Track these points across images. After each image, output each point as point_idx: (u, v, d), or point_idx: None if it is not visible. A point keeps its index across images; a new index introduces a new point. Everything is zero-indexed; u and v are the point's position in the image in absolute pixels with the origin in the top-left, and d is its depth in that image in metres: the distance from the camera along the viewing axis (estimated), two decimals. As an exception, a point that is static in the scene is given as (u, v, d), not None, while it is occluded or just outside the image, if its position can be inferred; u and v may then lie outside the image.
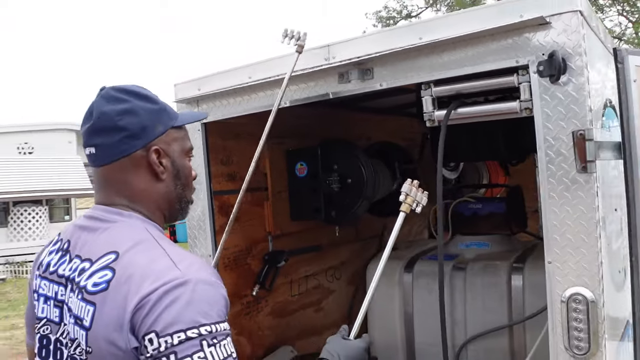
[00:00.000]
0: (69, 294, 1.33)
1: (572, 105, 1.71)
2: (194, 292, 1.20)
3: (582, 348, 1.76)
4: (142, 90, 1.45)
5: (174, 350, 1.15)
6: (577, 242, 1.74)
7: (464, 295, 3.10)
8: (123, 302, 1.20)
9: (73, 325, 1.29)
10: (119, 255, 1.27)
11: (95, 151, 1.38)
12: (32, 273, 1.53)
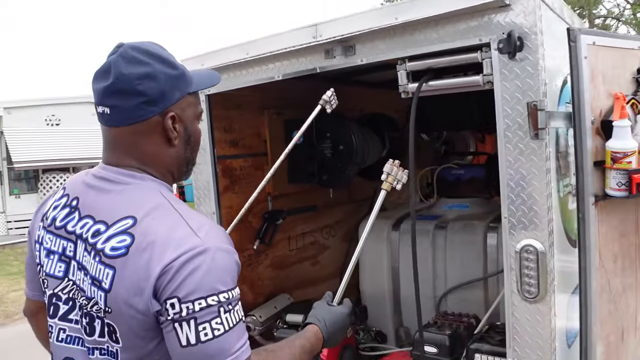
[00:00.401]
0: (82, 252, 1.29)
1: (527, 79, 1.78)
2: (213, 261, 1.20)
3: (532, 292, 1.86)
4: (163, 52, 1.35)
5: (195, 316, 1.16)
6: (530, 200, 1.82)
7: (444, 251, 3.19)
8: (145, 269, 1.18)
9: (90, 285, 1.25)
10: (136, 220, 1.23)
11: (109, 112, 1.29)
12: (35, 223, 1.47)
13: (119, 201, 1.29)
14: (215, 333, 1.17)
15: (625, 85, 2.02)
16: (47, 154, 14.34)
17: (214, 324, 1.17)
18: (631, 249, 2.06)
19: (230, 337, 1.20)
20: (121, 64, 1.27)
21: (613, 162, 1.83)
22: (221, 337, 1.18)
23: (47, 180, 14.81)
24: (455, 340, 2.37)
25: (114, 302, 1.21)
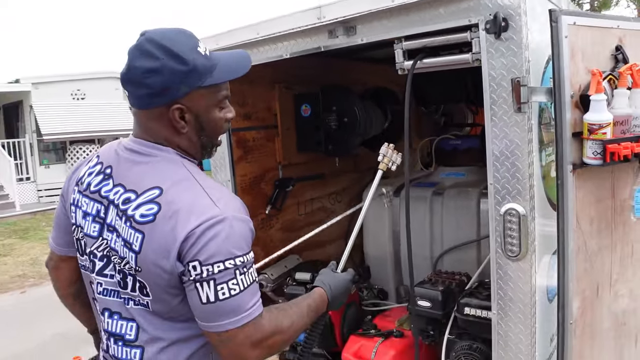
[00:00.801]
0: (114, 217, 1.37)
1: (511, 57, 1.84)
2: (231, 228, 1.28)
3: (514, 252, 1.95)
4: (177, 45, 1.33)
5: (214, 277, 1.25)
6: (513, 168, 1.90)
7: (441, 216, 3.27)
8: (171, 234, 1.26)
9: (122, 246, 1.33)
10: (162, 191, 1.30)
11: (128, 95, 1.39)
12: (69, 186, 1.54)
13: (146, 172, 1.36)
14: (231, 292, 1.27)
15: (604, 62, 2.06)
16: (74, 126, 14.46)
17: (231, 284, 1.26)
18: (607, 213, 2.13)
19: (244, 296, 1.29)
20: (135, 55, 1.33)
21: (590, 133, 1.89)
22: (237, 296, 1.27)
23: (74, 151, 14.95)
24: (448, 296, 2.46)
25: (143, 263, 1.31)
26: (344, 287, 1.80)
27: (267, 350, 1.36)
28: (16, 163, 13.71)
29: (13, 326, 5.50)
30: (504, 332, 2.02)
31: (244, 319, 1.29)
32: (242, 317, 1.28)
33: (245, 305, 1.29)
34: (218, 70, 1.38)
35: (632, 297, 2.30)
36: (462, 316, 2.33)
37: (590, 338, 2.13)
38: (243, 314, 1.28)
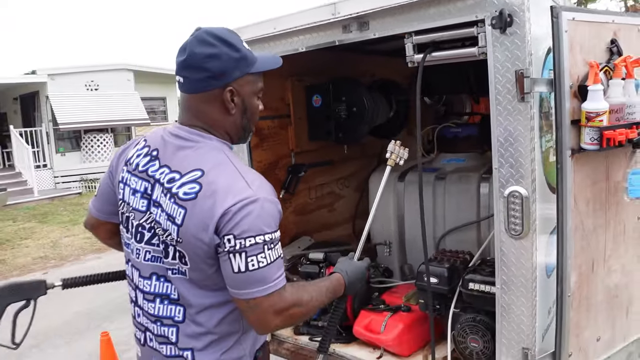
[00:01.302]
0: (159, 194, 1.46)
1: (515, 50, 1.88)
2: (262, 209, 1.38)
3: (517, 230, 2.01)
4: (231, 37, 1.46)
5: (245, 250, 1.35)
6: (516, 153, 1.95)
7: (443, 199, 3.34)
8: (210, 211, 1.36)
9: (165, 220, 1.43)
10: (204, 173, 1.40)
11: (183, 81, 1.47)
12: (118, 166, 1.63)
13: (190, 156, 1.46)
14: (260, 264, 1.37)
15: (600, 54, 2.11)
16: (88, 116, 14.49)
17: (260, 257, 1.37)
18: (602, 194, 2.19)
19: (271, 268, 1.39)
20: (194, 44, 1.44)
21: (587, 120, 1.95)
22: (264, 268, 1.38)
23: (88, 139, 15.01)
24: (453, 273, 2.52)
25: (184, 235, 1.41)
26: (360, 273, 1.92)
27: (288, 319, 1.47)
28: (33, 151, 13.76)
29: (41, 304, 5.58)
30: (507, 304, 2.08)
31: (270, 288, 1.39)
32: (268, 286, 1.39)
33: (272, 277, 1.39)
34: (259, 62, 1.53)
35: (624, 272, 2.37)
36: (466, 291, 2.40)
37: (586, 310, 2.20)
38: (269, 284, 1.39)
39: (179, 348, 1.52)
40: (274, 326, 1.46)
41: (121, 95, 15.38)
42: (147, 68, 16.97)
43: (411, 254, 3.63)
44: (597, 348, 2.30)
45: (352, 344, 2.88)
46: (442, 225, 3.33)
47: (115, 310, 5.24)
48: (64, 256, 7.57)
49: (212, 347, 1.51)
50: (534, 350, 2.06)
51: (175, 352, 1.52)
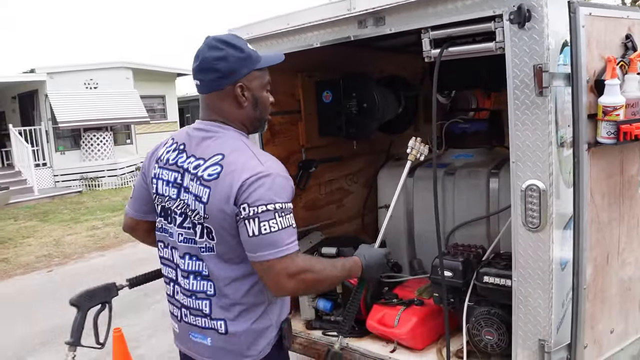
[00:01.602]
0: (188, 180, 1.66)
1: (534, 45, 1.90)
2: (273, 181, 1.56)
3: (534, 224, 2.03)
4: (235, 40, 1.68)
5: (258, 216, 1.52)
6: (534, 147, 1.97)
7: (452, 194, 3.36)
8: (230, 186, 1.55)
9: (194, 201, 1.63)
10: (224, 156, 1.60)
11: (199, 84, 1.68)
12: (150, 166, 1.83)
13: (212, 145, 1.66)
14: (271, 229, 1.53)
15: (615, 49, 2.14)
16: (87, 114, 14.46)
17: (271, 223, 1.53)
18: (616, 188, 2.22)
19: (282, 234, 1.54)
20: (205, 50, 1.65)
21: (604, 114, 1.97)
22: (275, 233, 1.53)
23: (87, 138, 14.97)
24: (467, 266, 2.55)
25: (210, 211, 1.59)
26: (378, 258, 2.01)
27: (302, 284, 1.61)
28: (33, 149, 13.72)
29: (47, 302, 5.60)
30: (524, 297, 2.10)
31: (282, 252, 1.54)
32: (280, 250, 1.54)
33: (283, 241, 1.54)
34: (263, 59, 1.74)
35: (637, 265, 2.40)
36: (481, 284, 2.42)
37: (601, 302, 2.23)
38: (281, 248, 1.54)
39: (212, 319, 1.70)
40: (290, 289, 1.61)
41: (120, 93, 15.35)
42: (146, 66, 16.95)
43: (420, 249, 3.64)
44: (610, 340, 2.33)
45: (365, 337, 2.90)
46: (451, 220, 3.35)
47: (123, 307, 5.24)
48: (67, 254, 7.57)
49: (242, 316, 1.69)
50: (550, 342, 2.08)
51: (210, 324, 1.71)
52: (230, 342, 1.70)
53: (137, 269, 7.02)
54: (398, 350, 2.74)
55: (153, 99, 17.78)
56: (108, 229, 9.06)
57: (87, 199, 12.79)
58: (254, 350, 1.72)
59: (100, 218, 10.08)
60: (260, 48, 2.81)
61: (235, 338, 1.70)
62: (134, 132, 16.74)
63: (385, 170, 3.80)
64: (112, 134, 15.47)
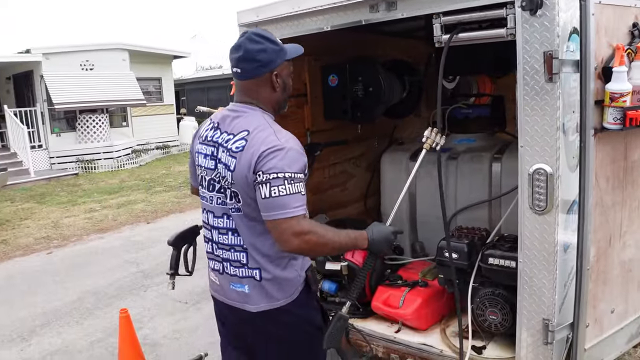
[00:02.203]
0: (220, 152, 1.94)
1: (544, 32, 1.94)
2: (285, 154, 1.80)
3: (541, 207, 2.09)
4: (271, 35, 1.96)
5: (270, 181, 1.77)
6: (542, 131, 2.02)
7: (455, 178, 3.41)
8: (251, 156, 1.81)
9: (224, 169, 1.90)
10: (249, 132, 1.87)
11: (240, 71, 1.94)
12: (194, 144, 2.12)
13: (240, 122, 1.93)
14: (280, 193, 1.76)
15: (622, 37, 2.18)
16: (83, 96, 14.28)
17: (280, 187, 1.76)
18: (620, 172, 2.28)
19: (290, 198, 1.77)
20: (247, 43, 1.91)
21: (611, 100, 2.02)
22: (284, 197, 1.76)
23: (83, 120, 14.82)
24: (472, 248, 2.61)
25: (236, 177, 1.87)
26: (385, 233, 2.10)
27: (305, 243, 1.81)
28: (29, 131, 13.62)
29: (47, 284, 5.63)
30: (529, 277, 2.17)
31: (288, 213, 1.77)
32: (287, 211, 1.77)
33: (290, 205, 1.77)
34: (290, 51, 2.01)
35: (638, 247, 2.47)
36: (486, 265, 2.49)
37: (603, 283, 2.30)
38: (288, 210, 1.77)
39: (249, 268, 1.97)
40: (295, 246, 1.81)
41: (116, 75, 15.20)
42: (142, 48, 16.77)
43: (422, 232, 3.71)
44: (611, 319, 2.40)
45: (370, 318, 2.97)
46: (454, 204, 3.39)
47: (122, 289, 5.30)
48: (66, 236, 7.58)
49: (272, 265, 1.95)
50: (553, 321, 2.15)
51: (247, 273, 1.98)
52: (264, 288, 1.97)
53: (137, 251, 7.10)
54: (403, 330, 2.82)
55: (149, 81, 17.62)
56: (106, 211, 9.07)
57: (83, 181, 12.75)
58: (283, 294, 1.98)
59: (97, 200, 10.07)
60: (270, 30, 2.83)
61: (268, 284, 1.96)
62: (130, 114, 16.61)
63: (389, 154, 3.85)
64: (108, 116, 15.32)
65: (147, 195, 10.34)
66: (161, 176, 12.90)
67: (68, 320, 4.64)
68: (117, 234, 7.60)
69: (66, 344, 4.16)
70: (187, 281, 2.84)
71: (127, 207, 9.30)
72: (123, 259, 6.32)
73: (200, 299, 4.81)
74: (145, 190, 10.98)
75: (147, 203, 9.60)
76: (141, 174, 13.42)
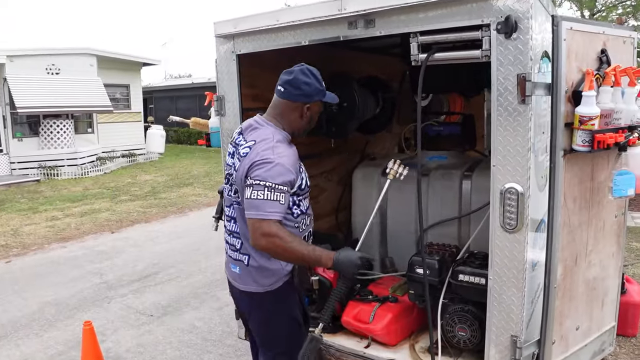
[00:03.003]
0: (236, 154, 2.27)
1: (518, 55, 2.00)
2: (272, 168, 2.09)
3: (512, 225, 2.13)
4: (319, 75, 2.26)
5: (253, 185, 2.07)
6: (514, 151, 2.06)
7: (426, 195, 3.45)
8: (248, 163, 2.14)
9: (233, 168, 2.26)
10: (255, 142, 2.19)
11: (282, 90, 2.24)
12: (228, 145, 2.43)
13: (255, 133, 2.25)
14: (258, 197, 2.06)
15: (591, 62, 2.27)
16: (48, 100, 13.94)
17: (259, 192, 2.06)
18: (587, 193, 2.35)
19: (265, 203, 2.05)
20: (299, 73, 2.23)
21: (580, 123, 2.09)
22: (260, 200, 2.05)
23: (47, 125, 14.47)
24: (442, 264, 2.64)
25: (236, 177, 2.22)
26: (352, 258, 2.19)
27: (271, 244, 2.06)
28: (-12, 135, 13.23)
29: (5, 293, 5.44)
30: (499, 294, 2.21)
31: (260, 215, 2.05)
32: (259, 213, 2.06)
33: (265, 208, 2.05)
34: (328, 95, 2.32)
35: (602, 266, 2.55)
36: (456, 282, 2.52)
37: (569, 300, 2.36)
38: (261, 212, 2.05)
39: (241, 253, 2.31)
40: (262, 245, 2.08)
41: (83, 80, 14.90)
42: (111, 54, 16.52)
43: (392, 247, 3.74)
44: (576, 336, 2.46)
45: (339, 333, 2.97)
46: (425, 220, 3.43)
47: (84, 300, 5.16)
48: (26, 245, 7.34)
49: (259, 254, 2.23)
50: (521, 338, 2.19)
51: (239, 257, 2.32)
52: (250, 273, 2.28)
53: (101, 262, 6.93)
54: (372, 345, 2.82)
55: (117, 88, 17.35)
56: (68, 219, 8.83)
57: (45, 188, 12.41)
58: (267, 282, 2.27)
59: (60, 208, 9.81)
60: (247, 43, 2.85)
61: (255, 270, 2.27)
62: (95, 121, 16.30)
63: (361, 169, 3.88)
64: (72, 122, 14.98)
65: (111, 204, 10.12)
66: (127, 185, 12.66)
67: (27, 332, 4.48)
68: (80, 244, 7.41)
69: (25, 357, 4.01)
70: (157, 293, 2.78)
71: (90, 216, 9.09)
72: (86, 269, 6.16)
73: (166, 312, 4.73)
74: (110, 198, 10.76)
75: (112, 212, 9.40)
76: (106, 182, 13.15)
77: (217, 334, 4.25)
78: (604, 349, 2.82)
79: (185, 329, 4.38)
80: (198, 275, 5.77)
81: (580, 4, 20.34)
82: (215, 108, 3.13)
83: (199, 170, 14.80)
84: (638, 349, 3.57)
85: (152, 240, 7.43)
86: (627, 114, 2.27)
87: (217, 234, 3.01)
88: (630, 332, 3.67)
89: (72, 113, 14.84)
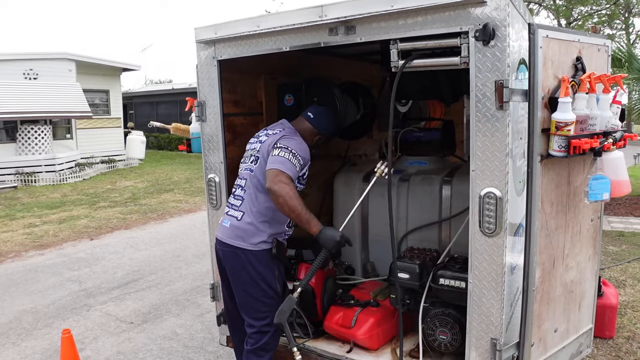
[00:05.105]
0: (261, 135, 2.81)
1: (496, 62, 2.03)
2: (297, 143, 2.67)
3: (491, 229, 2.16)
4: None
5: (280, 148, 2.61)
6: (492, 157, 2.10)
7: (406, 200, 3.48)
8: (276, 137, 2.70)
9: (258, 143, 2.79)
10: (281, 131, 2.76)
11: (311, 109, 2.90)
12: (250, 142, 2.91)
13: (279, 127, 2.84)
14: (282, 156, 2.56)
15: (567, 69, 2.31)
16: (25, 106, 13.74)
17: (285, 153, 2.57)
18: (563, 197, 2.39)
19: (288, 162, 2.54)
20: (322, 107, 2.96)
21: (557, 129, 2.13)
22: (284, 159, 2.55)
23: (25, 130, 14.23)
24: (423, 269, 2.66)
25: (262, 147, 2.72)
26: (333, 235, 2.56)
27: (282, 191, 2.44)
28: (-36, 141, 12.98)
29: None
30: (478, 298, 2.23)
31: (282, 168, 2.51)
32: (282, 167, 2.52)
33: (286, 165, 2.53)
34: None
35: (579, 269, 2.59)
36: (436, 286, 2.54)
37: (547, 303, 2.39)
38: (283, 166, 2.52)
39: (239, 210, 2.71)
40: (276, 189, 2.45)
41: (62, 85, 14.73)
42: (90, 59, 16.36)
43: (373, 252, 3.74)
44: (554, 339, 2.50)
45: (321, 338, 2.96)
46: (404, 225, 3.46)
47: (63, 308, 5.07)
48: (2, 252, 7.20)
49: (251, 216, 2.66)
50: (501, 341, 2.21)
51: (234, 213, 2.72)
52: (239, 228, 2.66)
53: (79, 269, 6.82)
54: (354, 350, 2.82)
55: (96, 93, 17.19)
56: (46, 226, 8.69)
57: (22, 194, 12.20)
58: (252, 241, 2.64)
59: (37, 215, 9.65)
60: (228, 49, 2.84)
61: (243, 226, 2.66)
62: (74, 126, 16.09)
63: (342, 175, 3.89)
64: (51, 128, 14.75)
65: (90, 211, 9.99)
66: (106, 191, 12.51)
67: (4, 341, 4.39)
68: (59, 251, 7.29)
69: (1, 367, 3.93)
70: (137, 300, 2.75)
71: (69, 223, 8.96)
72: (64, 276, 6.07)
73: (147, 319, 4.68)
74: (88, 205, 10.62)
75: (91, 219, 9.27)
76: (85, 188, 12.97)
77: (199, 340, 4.21)
78: (581, 350, 2.87)
79: (166, 335, 4.33)
80: (179, 281, 5.72)
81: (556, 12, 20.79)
82: (196, 114, 3.11)
83: (179, 176, 14.70)
84: (615, 350, 3.63)
85: (132, 247, 7.35)
86: (602, 120, 2.32)
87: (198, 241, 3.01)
88: (607, 334, 3.74)
89: (50, 119, 14.62)
